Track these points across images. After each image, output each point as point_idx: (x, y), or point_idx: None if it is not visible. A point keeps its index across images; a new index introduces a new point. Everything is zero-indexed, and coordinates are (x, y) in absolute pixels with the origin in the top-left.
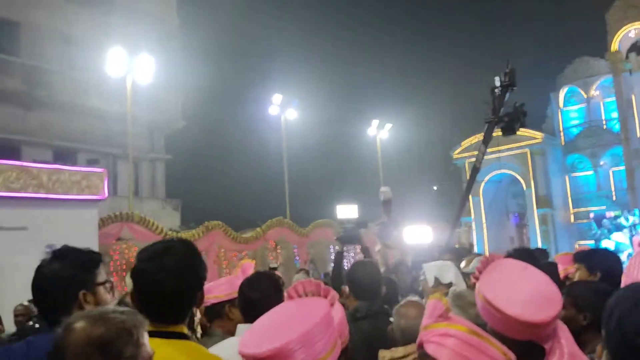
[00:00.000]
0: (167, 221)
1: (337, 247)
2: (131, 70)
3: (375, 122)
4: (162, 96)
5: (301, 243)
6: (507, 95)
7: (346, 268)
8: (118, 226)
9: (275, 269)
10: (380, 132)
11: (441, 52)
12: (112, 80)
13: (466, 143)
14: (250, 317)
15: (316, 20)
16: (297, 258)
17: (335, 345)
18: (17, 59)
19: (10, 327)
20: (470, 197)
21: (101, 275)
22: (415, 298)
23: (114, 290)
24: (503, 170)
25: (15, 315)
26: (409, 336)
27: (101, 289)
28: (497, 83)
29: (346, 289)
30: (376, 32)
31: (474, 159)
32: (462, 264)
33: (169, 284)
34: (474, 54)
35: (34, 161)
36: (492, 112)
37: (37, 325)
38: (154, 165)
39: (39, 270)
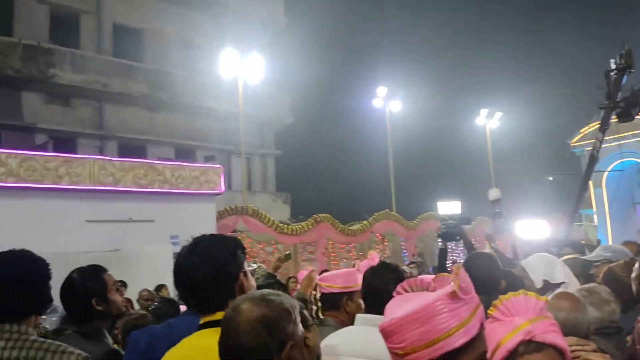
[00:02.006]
0: (277, 214)
1: (439, 244)
2: (242, 71)
3: (484, 112)
4: (271, 94)
5: (408, 236)
6: (625, 78)
7: (450, 264)
8: (234, 219)
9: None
10: (489, 121)
11: (555, 33)
12: (225, 80)
13: (585, 130)
14: (371, 306)
15: (421, 9)
16: (405, 251)
17: (466, 322)
18: (142, 65)
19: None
20: (591, 187)
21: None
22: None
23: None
24: (628, 158)
25: (145, 300)
26: (570, 328)
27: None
28: (613, 66)
29: None
30: (483, 17)
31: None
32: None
33: (195, 278)
34: (592, 33)
35: (158, 159)
36: (606, 97)
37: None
38: (265, 160)
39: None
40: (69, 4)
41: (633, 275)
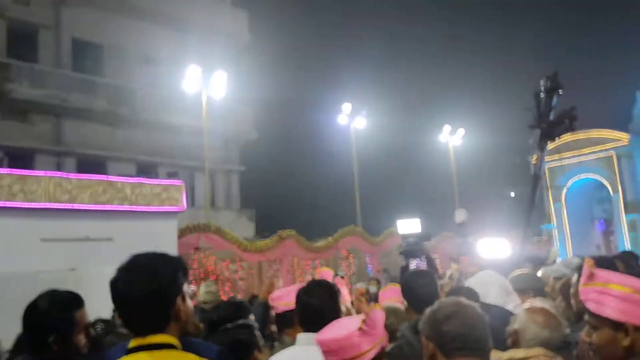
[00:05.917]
0: (242, 231)
1: (401, 261)
2: (206, 86)
3: (447, 128)
4: (235, 109)
5: (373, 252)
6: (555, 99)
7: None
8: (196, 236)
9: (341, 277)
10: (452, 138)
11: (516, 52)
12: (188, 96)
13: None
14: (307, 324)
15: (384, 28)
16: (370, 267)
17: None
18: (102, 80)
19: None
20: (551, 203)
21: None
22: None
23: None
24: (587, 175)
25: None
26: (538, 342)
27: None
28: (542, 88)
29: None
30: (446, 36)
31: (555, 164)
32: (539, 273)
33: (129, 295)
34: (551, 53)
35: (119, 175)
36: (535, 117)
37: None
38: (229, 176)
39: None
40: (27, 19)
41: (572, 291)
